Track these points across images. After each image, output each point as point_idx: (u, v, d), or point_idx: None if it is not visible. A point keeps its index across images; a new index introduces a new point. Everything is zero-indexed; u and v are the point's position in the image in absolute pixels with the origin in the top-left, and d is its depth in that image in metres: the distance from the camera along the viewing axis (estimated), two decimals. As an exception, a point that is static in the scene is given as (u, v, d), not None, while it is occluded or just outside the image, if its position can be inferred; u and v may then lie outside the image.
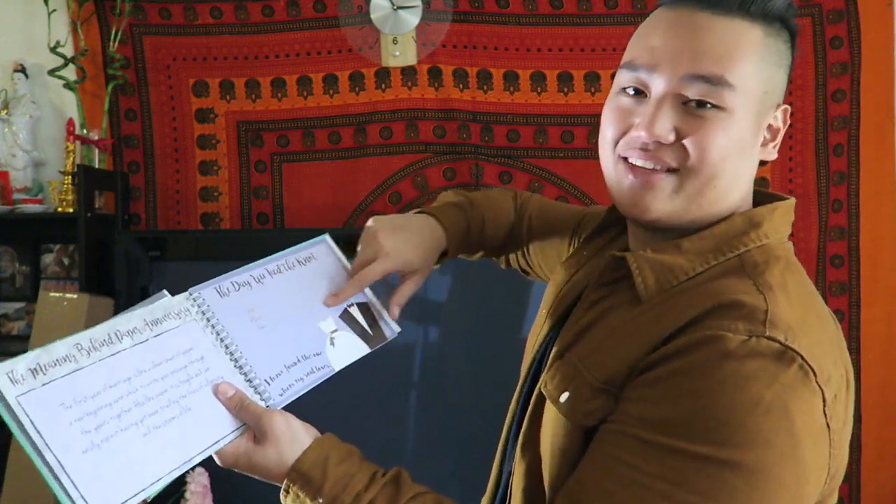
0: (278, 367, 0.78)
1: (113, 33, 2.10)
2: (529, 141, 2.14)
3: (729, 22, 0.68)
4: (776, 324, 0.61)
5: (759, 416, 0.58)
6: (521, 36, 2.13)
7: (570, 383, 0.70)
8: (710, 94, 0.68)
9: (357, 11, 2.13)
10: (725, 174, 0.69)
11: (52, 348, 0.63)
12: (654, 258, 0.71)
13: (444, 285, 2.02)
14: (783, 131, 0.74)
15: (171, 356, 0.71)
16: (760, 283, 0.65)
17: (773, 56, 0.70)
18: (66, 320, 1.89)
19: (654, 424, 0.61)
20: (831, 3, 2.08)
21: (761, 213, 0.72)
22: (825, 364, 0.62)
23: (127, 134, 2.18)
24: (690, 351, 0.61)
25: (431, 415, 2.00)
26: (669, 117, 0.69)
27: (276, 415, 0.72)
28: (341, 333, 0.84)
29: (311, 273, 0.87)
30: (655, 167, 0.70)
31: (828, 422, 0.62)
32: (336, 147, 2.17)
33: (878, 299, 2.13)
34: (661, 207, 0.71)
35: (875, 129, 2.10)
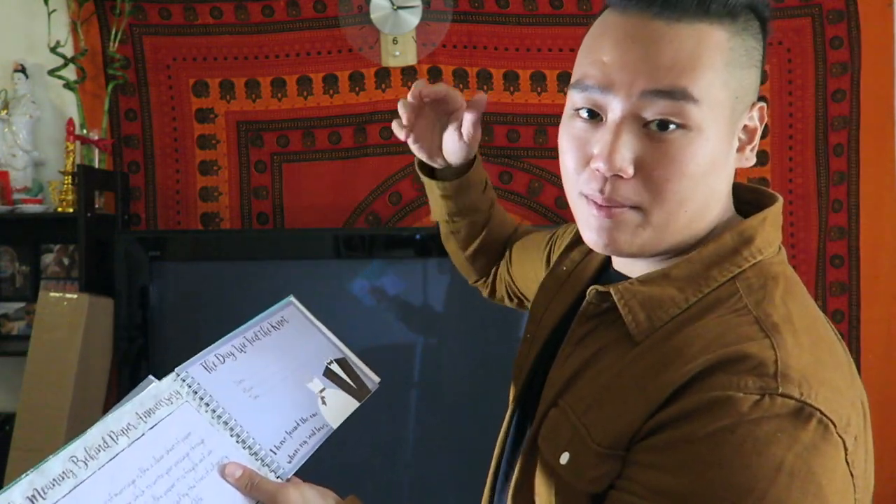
0: (280, 435, 0.76)
1: (113, 33, 2.10)
2: (529, 141, 2.14)
3: (687, 27, 0.61)
4: (789, 376, 0.56)
5: (784, 483, 0.54)
6: (521, 36, 2.13)
7: (570, 445, 0.65)
8: (673, 112, 0.61)
9: (357, 11, 2.13)
10: (696, 197, 0.64)
11: (46, 468, 0.59)
12: (643, 292, 0.66)
13: (444, 286, 2.02)
14: (760, 129, 0.67)
15: (172, 446, 0.68)
16: (765, 323, 0.60)
17: (741, 57, 0.63)
18: (66, 320, 1.89)
19: (669, 496, 0.56)
20: (831, 3, 2.08)
21: (752, 226, 0.67)
22: (843, 408, 0.58)
23: (127, 134, 2.18)
24: (699, 415, 0.56)
25: (431, 416, 2.00)
26: (629, 145, 0.62)
27: (290, 489, 0.69)
28: (329, 391, 0.83)
29: (286, 336, 0.86)
30: (620, 203, 0.64)
31: (851, 469, 0.58)
32: (336, 147, 2.17)
33: (878, 299, 2.13)
34: (631, 242, 0.65)
35: (875, 129, 2.10)
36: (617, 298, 0.67)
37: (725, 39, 0.62)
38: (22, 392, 1.88)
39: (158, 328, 1.97)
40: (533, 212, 2.15)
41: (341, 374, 0.86)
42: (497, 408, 1.05)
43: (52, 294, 1.93)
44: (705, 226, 0.67)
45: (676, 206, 0.63)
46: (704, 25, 0.61)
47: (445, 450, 1.98)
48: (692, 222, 0.66)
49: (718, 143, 0.63)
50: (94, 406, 1.96)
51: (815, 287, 2.14)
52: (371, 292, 1.99)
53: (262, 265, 2.00)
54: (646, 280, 0.67)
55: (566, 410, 0.67)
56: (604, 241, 0.66)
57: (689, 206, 0.64)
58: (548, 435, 0.68)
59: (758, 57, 0.66)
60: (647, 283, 0.66)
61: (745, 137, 0.66)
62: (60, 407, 1.85)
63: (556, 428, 0.67)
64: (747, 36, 0.64)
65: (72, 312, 1.89)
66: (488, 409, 1.95)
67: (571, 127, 0.67)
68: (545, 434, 0.68)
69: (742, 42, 0.63)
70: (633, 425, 0.60)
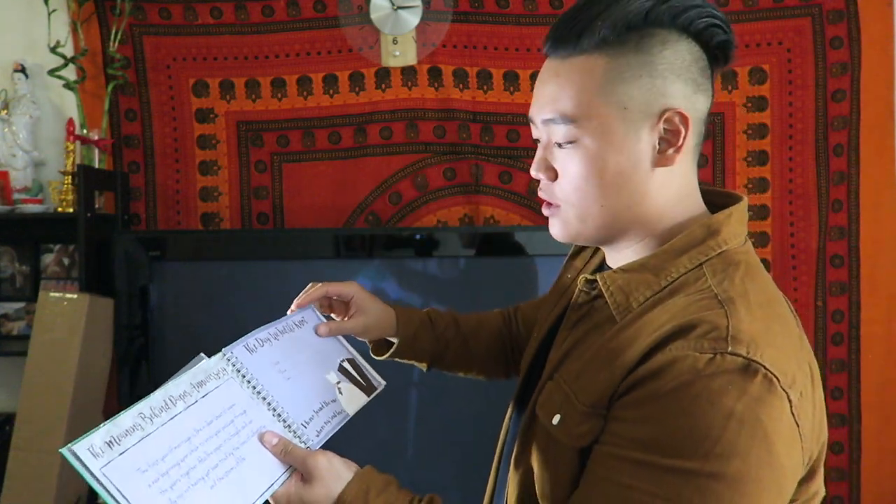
0: (309, 412, 0.87)
1: (113, 33, 2.10)
2: (529, 141, 2.13)
3: (570, 62, 0.75)
4: (738, 339, 0.66)
5: (734, 429, 0.63)
6: (521, 36, 2.13)
7: (561, 407, 0.75)
8: (564, 133, 0.75)
9: (357, 11, 2.13)
10: (609, 196, 0.75)
11: (119, 421, 0.71)
12: (623, 277, 0.77)
13: (444, 286, 2.02)
14: (685, 133, 0.74)
15: (220, 413, 0.79)
16: (722, 297, 0.70)
17: (624, 73, 0.73)
18: (66, 320, 1.89)
19: (643, 444, 0.66)
20: (831, 3, 2.08)
21: (718, 220, 0.77)
22: (789, 368, 0.67)
23: (127, 134, 2.18)
24: (663, 373, 0.66)
25: (431, 416, 2.00)
26: (543, 159, 0.79)
27: (319, 455, 0.80)
28: (344, 385, 0.95)
29: (307, 334, 0.98)
30: (554, 202, 0.80)
31: (796, 420, 0.67)
32: (336, 147, 2.17)
33: (878, 299, 2.13)
34: (566, 232, 0.80)
35: (875, 129, 2.10)
36: (601, 283, 0.78)
37: (603, 63, 0.73)
38: (22, 392, 1.88)
39: (158, 328, 1.97)
40: (533, 212, 2.15)
41: (352, 372, 0.98)
42: (497, 407, 1.06)
43: (52, 294, 1.93)
44: (663, 217, 0.77)
45: (590, 203, 0.76)
46: (583, 57, 0.74)
47: (445, 449, 1.98)
48: (620, 213, 0.77)
49: (616, 150, 0.74)
50: (94, 406, 1.96)
51: (815, 287, 2.14)
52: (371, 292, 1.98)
53: (262, 265, 2.00)
54: (626, 269, 0.78)
55: (559, 382, 0.77)
56: (554, 231, 0.81)
57: (604, 202, 0.76)
58: (543, 403, 0.78)
59: (659, 67, 0.73)
60: (627, 270, 0.77)
61: (668, 140, 0.75)
62: (60, 407, 1.85)
63: (551, 396, 0.78)
64: (635, 53, 0.73)
65: (72, 312, 1.89)
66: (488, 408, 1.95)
67: None
68: (541, 402, 0.79)
69: (626, 59, 0.73)
70: (611, 386, 0.70)
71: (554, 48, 0.76)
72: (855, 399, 2.13)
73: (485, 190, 2.16)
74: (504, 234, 2.03)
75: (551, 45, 0.77)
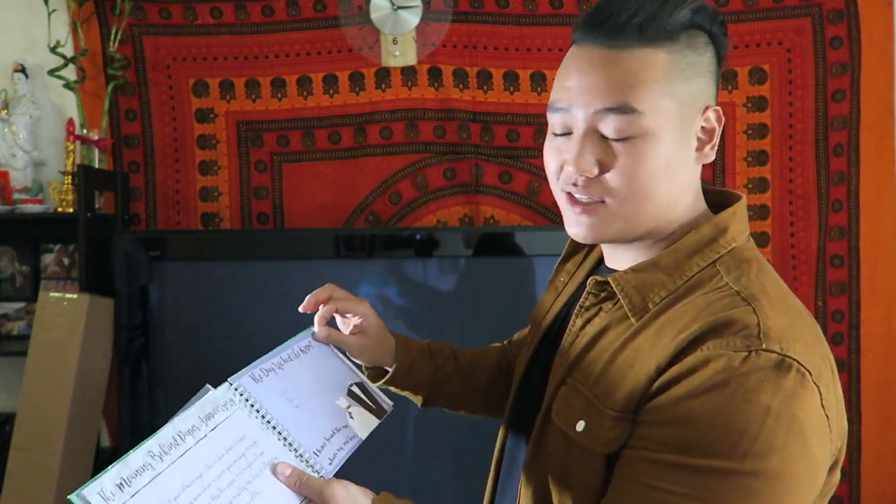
0: (320, 440, 0.85)
1: (113, 33, 2.10)
2: (529, 141, 2.13)
3: (630, 53, 0.73)
4: (770, 335, 0.66)
5: (771, 425, 0.63)
6: (521, 36, 2.13)
7: (585, 413, 0.74)
8: (624, 125, 0.73)
9: (357, 11, 2.13)
10: (659, 192, 0.75)
11: (129, 461, 0.69)
12: (636, 278, 0.76)
13: (444, 286, 2.02)
14: (719, 130, 0.77)
15: (230, 446, 0.77)
16: (745, 294, 0.70)
17: (683, 70, 0.74)
18: (66, 320, 1.88)
19: (677, 446, 0.65)
20: (831, 3, 2.08)
21: (725, 219, 0.77)
22: (815, 361, 0.68)
23: (127, 134, 2.18)
24: (697, 372, 0.66)
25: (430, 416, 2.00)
26: (592, 152, 0.74)
27: (335, 484, 0.78)
28: (354, 408, 0.94)
29: (314, 360, 0.95)
30: (591, 199, 0.76)
31: (826, 413, 0.67)
32: (336, 147, 2.17)
33: (878, 299, 2.13)
34: (605, 231, 0.77)
35: (875, 129, 2.10)
36: (615, 285, 0.77)
37: (665, 58, 0.73)
38: (22, 392, 1.88)
39: (158, 328, 1.97)
40: (533, 212, 2.15)
41: (361, 395, 0.97)
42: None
43: (52, 294, 1.93)
44: (676, 216, 0.78)
45: (640, 200, 0.75)
46: (645, 49, 0.73)
47: (445, 450, 1.98)
48: (661, 213, 0.76)
49: (672, 144, 0.74)
50: (94, 406, 1.96)
51: (815, 287, 2.14)
52: (371, 292, 1.99)
53: (262, 265, 2.00)
54: (637, 268, 0.77)
55: (576, 386, 0.76)
56: (583, 233, 0.78)
57: (653, 200, 0.75)
58: (560, 409, 0.77)
59: (704, 67, 0.76)
60: (639, 270, 0.77)
61: (704, 137, 0.77)
62: (60, 407, 1.85)
63: (568, 402, 0.76)
64: (689, 52, 0.74)
65: (72, 312, 1.89)
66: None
67: (552, 142, 0.80)
68: (558, 408, 0.77)
69: (683, 58, 0.74)
70: (640, 389, 0.70)
71: (606, 36, 0.74)
72: (855, 399, 2.13)
73: (485, 190, 2.16)
74: (504, 234, 2.03)
75: (602, 34, 0.74)
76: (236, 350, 0.94)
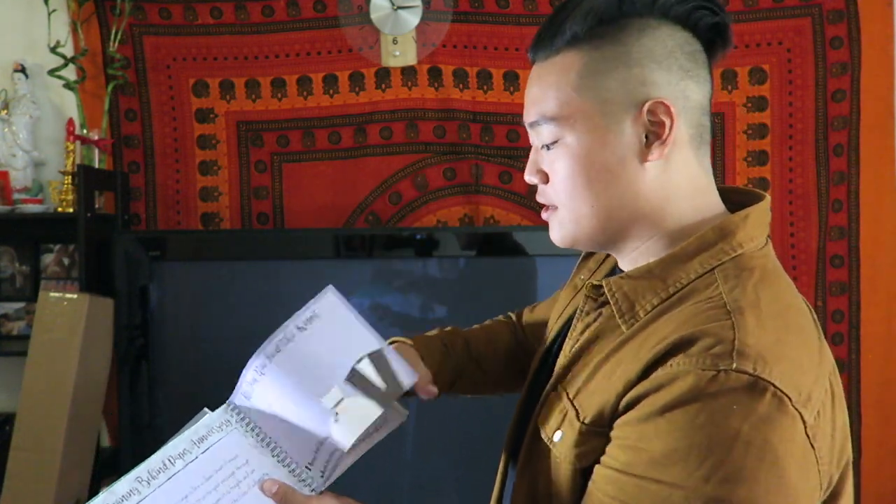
0: (311, 453, 0.81)
1: (113, 33, 2.10)
2: (529, 141, 2.13)
3: (549, 62, 0.74)
4: (745, 353, 0.61)
5: (740, 452, 0.58)
6: (521, 36, 2.13)
7: (562, 423, 0.71)
8: (544, 134, 0.74)
9: (357, 11, 2.13)
10: (600, 195, 0.73)
11: (115, 489, 0.71)
12: (629, 283, 0.73)
13: (445, 286, 2.02)
14: (669, 124, 0.70)
15: (220, 466, 0.76)
16: (731, 307, 0.65)
17: (599, 65, 0.71)
18: (66, 320, 1.88)
19: (641, 465, 0.62)
20: (831, 3, 2.08)
21: (734, 222, 0.72)
22: (804, 384, 0.62)
23: (127, 134, 2.18)
24: (662, 390, 0.62)
25: (430, 416, 2.00)
26: (533, 162, 0.78)
27: (324, 499, 0.77)
28: (347, 402, 0.80)
29: (313, 339, 0.83)
30: (549, 205, 0.78)
31: (811, 442, 0.62)
32: (336, 147, 2.17)
33: (878, 299, 2.13)
34: (564, 236, 0.77)
35: (875, 129, 2.10)
36: (606, 290, 0.74)
37: (578, 59, 0.72)
38: (22, 392, 1.88)
39: (158, 328, 1.97)
40: (533, 212, 2.15)
41: (369, 373, 0.82)
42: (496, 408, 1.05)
43: (52, 294, 1.93)
44: (656, 214, 0.73)
45: (581, 203, 0.74)
46: (560, 56, 0.73)
47: (445, 450, 1.98)
48: (614, 212, 0.73)
49: (597, 145, 0.72)
50: (94, 406, 1.96)
51: (815, 287, 2.14)
52: (371, 293, 1.99)
53: (262, 265, 2.00)
54: (633, 274, 0.73)
55: (561, 394, 0.74)
56: (553, 235, 0.79)
57: (593, 202, 0.73)
58: (545, 416, 0.75)
59: (628, 56, 0.70)
60: (634, 276, 0.73)
61: (655, 132, 0.71)
62: (60, 407, 1.85)
63: (552, 409, 0.74)
64: (608, 44, 0.71)
65: (72, 312, 1.88)
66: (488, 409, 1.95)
67: None
68: (543, 415, 0.75)
69: (600, 52, 0.71)
70: (611, 403, 0.66)
71: (534, 52, 0.76)
72: (855, 399, 2.13)
73: (485, 190, 2.16)
74: (504, 234, 2.03)
75: (532, 50, 0.77)
76: (236, 350, 0.92)
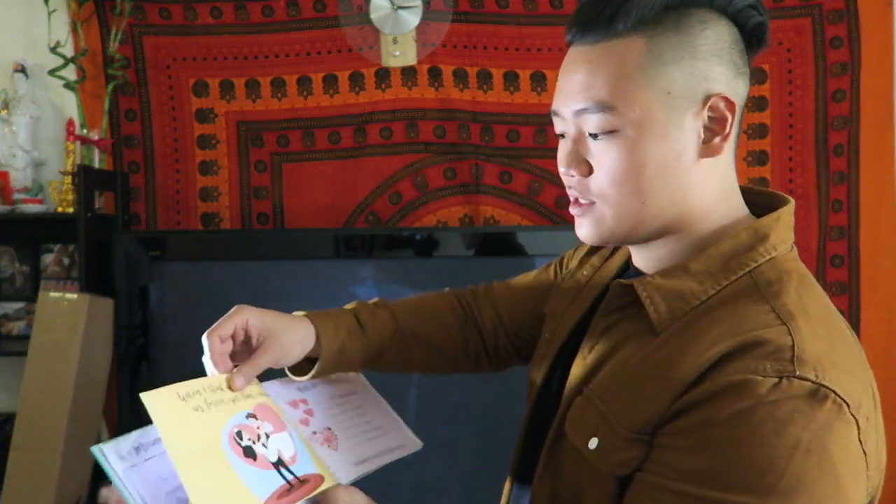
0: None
1: (113, 33, 2.10)
2: (529, 141, 2.13)
3: (603, 46, 0.69)
4: (804, 360, 0.60)
5: (800, 460, 0.57)
6: (521, 36, 2.13)
7: (598, 430, 0.68)
8: (600, 123, 0.69)
9: (357, 11, 2.13)
10: (651, 190, 0.69)
11: (149, 430, 0.73)
12: (664, 284, 0.70)
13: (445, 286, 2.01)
14: (731, 119, 0.69)
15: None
16: (781, 312, 0.64)
17: (663, 55, 0.67)
18: (66, 320, 1.88)
19: (694, 476, 0.60)
20: (831, 3, 2.08)
21: (767, 224, 0.71)
22: (856, 391, 0.62)
23: (127, 134, 2.18)
24: (721, 397, 0.60)
25: (430, 416, 2.00)
26: (575, 152, 0.72)
27: (340, 488, 0.76)
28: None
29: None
30: (586, 200, 0.73)
31: (863, 448, 0.61)
32: (336, 147, 2.17)
33: (878, 299, 2.13)
34: (602, 233, 0.73)
35: (875, 129, 2.10)
36: (640, 291, 0.71)
37: (641, 45, 0.68)
38: (22, 392, 1.88)
39: (158, 328, 1.97)
40: (533, 212, 2.15)
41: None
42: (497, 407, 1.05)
43: (52, 294, 1.93)
44: (699, 216, 0.71)
45: (629, 200, 0.70)
46: (616, 40, 0.68)
47: (445, 450, 1.98)
48: (664, 212, 0.70)
49: (658, 138, 0.68)
50: (94, 406, 1.96)
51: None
52: (371, 293, 1.99)
53: (262, 265, 2.00)
54: (666, 274, 0.71)
55: (591, 398, 0.70)
56: (583, 233, 0.74)
57: (645, 199, 0.69)
58: (574, 422, 0.72)
59: (699, 48, 0.68)
60: (668, 276, 0.71)
61: (716, 128, 0.69)
62: (60, 407, 1.85)
63: (583, 415, 0.71)
64: (672, 34, 0.68)
65: (72, 312, 1.89)
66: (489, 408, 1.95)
67: (559, 146, 0.77)
68: (572, 421, 0.72)
69: (665, 40, 0.68)
70: (659, 409, 0.64)
71: (582, 33, 0.70)
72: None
73: (485, 190, 2.16)
74: (504, 234, 2.03)
75: (579, 31, 0.71)
76: (236, 350, 0.92)
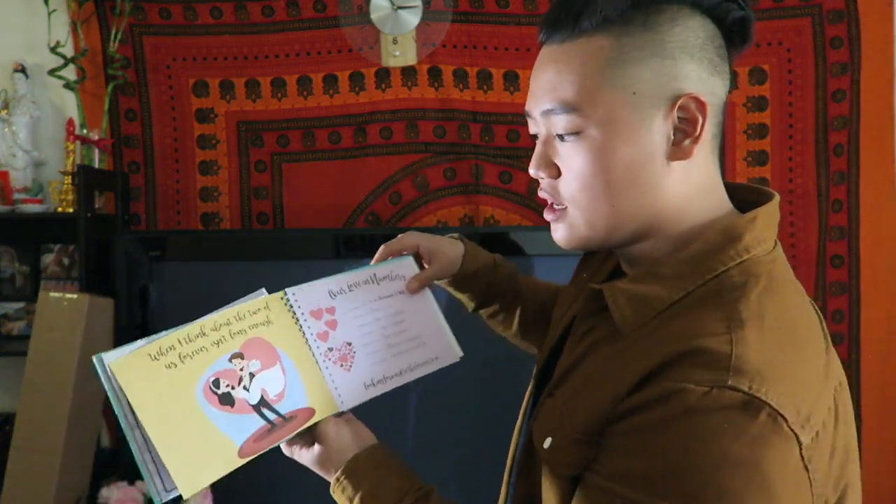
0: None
1: (113, 33, 2.10)
2: (529, 141, 2.11)
3: (569, 45, 0.68)
4: (742, 370, 0.58)
5: (728, 473, 0.56)
6: (521, 36, 2.13)
7: (553, 430, 0.68)
8: (565, 124, 0.68)
9: (357, 11, 2.13)
10: (621, 193, 0.67)
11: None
12: (630, 290, 0.68)
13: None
14: (701, 120, 0.66)
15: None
16: (732, 319, 0.61)
17: (630, 53, 0.65)
18: (66, 320, 1.88)
19: (626, 479, 0.60)
20: (831, 3, 2.08)
21: (740, 224, 0.68)
22: (803, 404, 0.59)
23: (127, 134, 2.18)
24: (654, 404, 0.59)
25: (431, 416, 2.00)
26: (543, 154, 0.71)
27: (329, 421, 0.87)
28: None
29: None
30: (559, 205, 0.72)
31: (806, 464, 0.59)
32: (336, 147, 2.17)
33: (878, 299, 2.13)
34: (574, 237, 0.72)
35: (875, 129, 2.10)
36: (607, 295, 0.69)
37: (608, 44, 0.66)
38: (22, 392, 1.88)
39: (158, 328, 1.95)
40: (533, 212, 2.15)
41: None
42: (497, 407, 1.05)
43: (52, 294, 1.93)
44: (670, 215, 0.69)
45: (598, 202, 0.68)
46: (584, 39, 0.67)
47: (445, 450, 1.98)
48: (634, 214, 0.69)
49: (625, 139, 0.66)
50: (94, 406, 1.96)
51: (815, 287, 2.14)
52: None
53: (262, 265, 2.00)
54: (634, 278, 0.70)
55: (557, 399, 0.70)
56: (557, 237, 0.73)
57: (614, 201, 0.68)
58: (539, 423, 0.72)
59: (661, 46, 0.65)
60: (635, 281, 0.69)
61: (685, 130, 0.67)
62: (60, 407, 1.85)
63: (547, 415, 0.71)
64: (640, 31, 0.66)
65: (72, 312, 1.88)
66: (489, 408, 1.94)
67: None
68: (537, 422, 0.72)
69: (632, 38, 0.65)
70: (604, 412, 0.63)
71: (550, 33, 0.69)
72: (855, 399, 2.13)
73: (485, 190, 2.17)
74: (504, 234, 2.03)
75: (547, 30, 0.70)
76: (236, 350, 0.93)
